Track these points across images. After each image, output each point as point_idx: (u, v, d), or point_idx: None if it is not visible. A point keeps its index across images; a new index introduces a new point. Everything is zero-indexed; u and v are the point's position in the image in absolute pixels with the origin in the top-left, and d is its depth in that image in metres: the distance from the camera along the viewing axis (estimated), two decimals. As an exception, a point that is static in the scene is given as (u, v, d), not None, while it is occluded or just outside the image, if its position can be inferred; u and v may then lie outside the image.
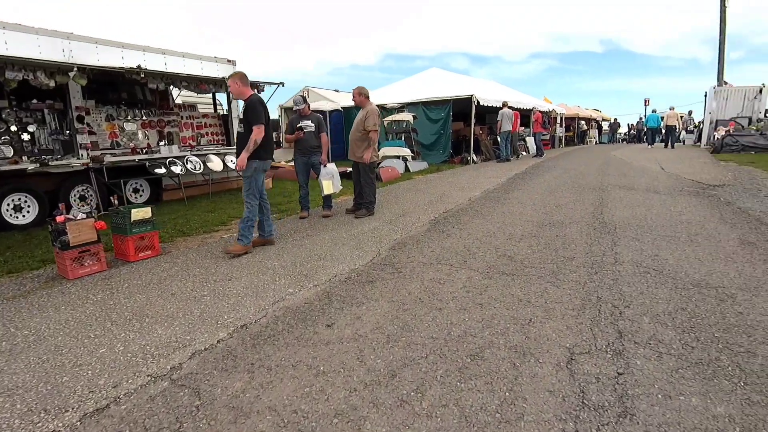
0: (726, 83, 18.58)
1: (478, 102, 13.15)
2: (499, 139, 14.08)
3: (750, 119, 15.40)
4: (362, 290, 3.43)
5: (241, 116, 4.69)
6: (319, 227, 5.70)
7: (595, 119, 30.98)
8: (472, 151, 13.69)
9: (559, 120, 22.27)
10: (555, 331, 2.64)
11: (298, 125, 6.13)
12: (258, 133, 4.31)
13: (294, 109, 6.38)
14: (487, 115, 17.52)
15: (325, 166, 6.33)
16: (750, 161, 11.43)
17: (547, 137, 21.12)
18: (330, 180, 6.33)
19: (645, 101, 31.01)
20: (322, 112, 12.90)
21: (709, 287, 3.24)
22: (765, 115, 15.77)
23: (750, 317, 2.73)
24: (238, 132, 4.66)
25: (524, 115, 18.46)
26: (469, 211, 6.24)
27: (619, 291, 3.23)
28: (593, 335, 2.58)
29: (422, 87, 15.30)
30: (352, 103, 16.37)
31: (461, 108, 13.58)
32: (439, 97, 13.87)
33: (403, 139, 12.26)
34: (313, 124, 6.23)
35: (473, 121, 13.40)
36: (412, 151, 12.44)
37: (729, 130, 14.43)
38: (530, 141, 18.66)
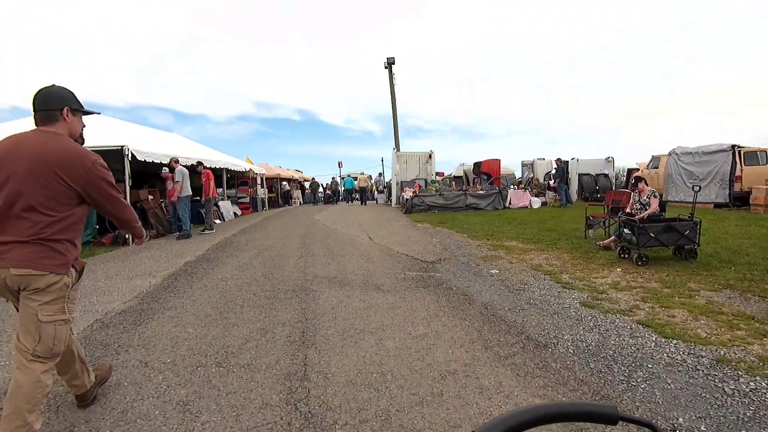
0: (400, 150, 20.64)
1: (133, 156, 9.08)
2: (178, 207, 10.26)
3: (426, 181, 16.81)
4: None
5: None
6: None
7: (297, 180, 30.82)
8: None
9: (260, 181, 20.09)
10: None
11: None
12: None
13: None
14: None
15: None
16: (440, 222, 11.49)
17: (247, 199, 18.54)
18: None
19: (339, 164, 33.24)
20: None
21: None
22: (436, 177, 17.64)
23: None
24: None
25: (218, 176, 15.58)
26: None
27: None
28: None
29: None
30: None
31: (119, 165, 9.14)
32: (71, 146, 9.05)
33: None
34: None
35: (128, 183, 9.16)
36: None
37: (415, 191, 15.08)
38: (225, 205, 15.61)
